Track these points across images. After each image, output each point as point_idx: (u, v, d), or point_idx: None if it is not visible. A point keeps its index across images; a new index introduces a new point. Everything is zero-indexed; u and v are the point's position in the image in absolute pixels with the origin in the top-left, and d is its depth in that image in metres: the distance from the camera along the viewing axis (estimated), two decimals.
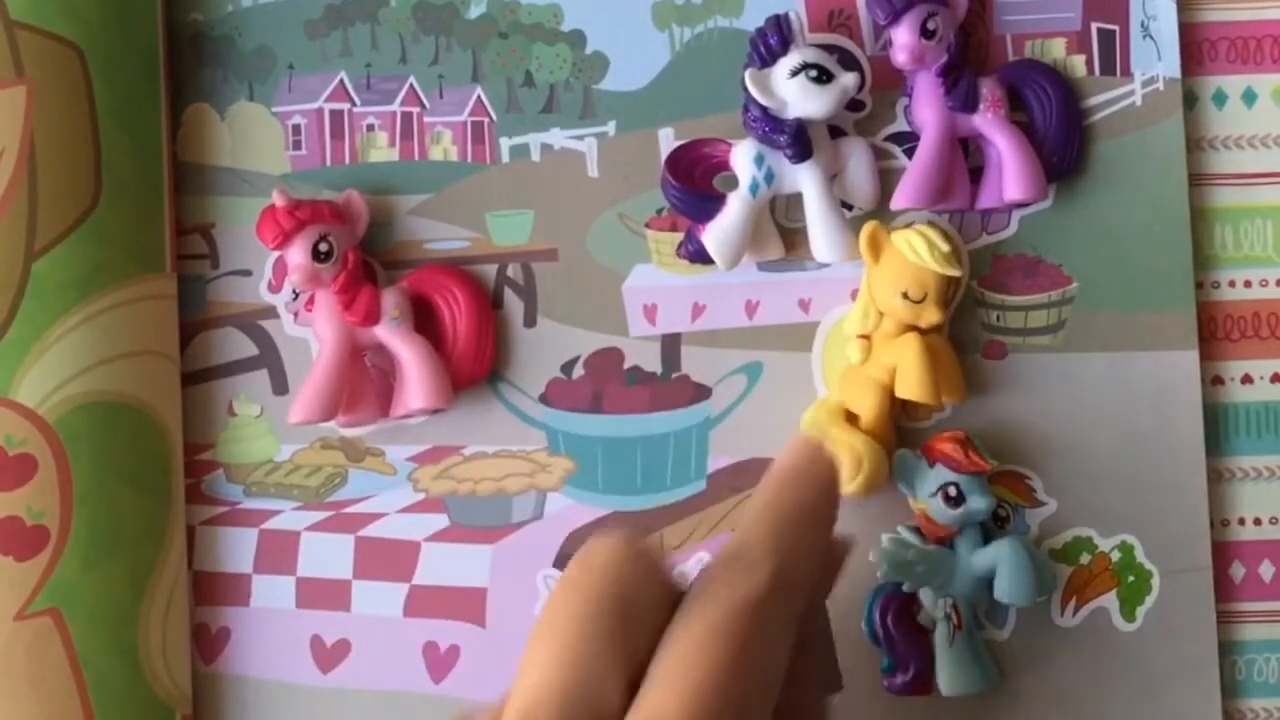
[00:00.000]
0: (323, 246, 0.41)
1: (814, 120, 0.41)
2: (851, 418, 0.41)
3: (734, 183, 0.41)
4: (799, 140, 0.40)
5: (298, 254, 0.41)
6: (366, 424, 0.42)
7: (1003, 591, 0.40)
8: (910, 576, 0.40)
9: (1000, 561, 0.40)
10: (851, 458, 0.40)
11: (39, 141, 0.40)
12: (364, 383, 0.42)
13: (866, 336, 0.41)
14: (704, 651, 0.29)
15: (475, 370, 0.42)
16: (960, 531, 0.41)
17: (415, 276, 0.42)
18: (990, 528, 0.41)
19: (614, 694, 0.29)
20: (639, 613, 0.31)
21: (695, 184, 0.42)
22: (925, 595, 0.41)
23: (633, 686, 0.30)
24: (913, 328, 0.40)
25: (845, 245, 0.41)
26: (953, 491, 0.40)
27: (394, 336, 0.41)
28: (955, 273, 0.40)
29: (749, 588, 0.31)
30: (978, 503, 0.40)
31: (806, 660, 0.35)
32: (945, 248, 0.40)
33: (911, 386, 0.40)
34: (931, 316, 0.40)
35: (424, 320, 0.42)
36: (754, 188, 0.41)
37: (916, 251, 0.40)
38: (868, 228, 0.41)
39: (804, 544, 0.33)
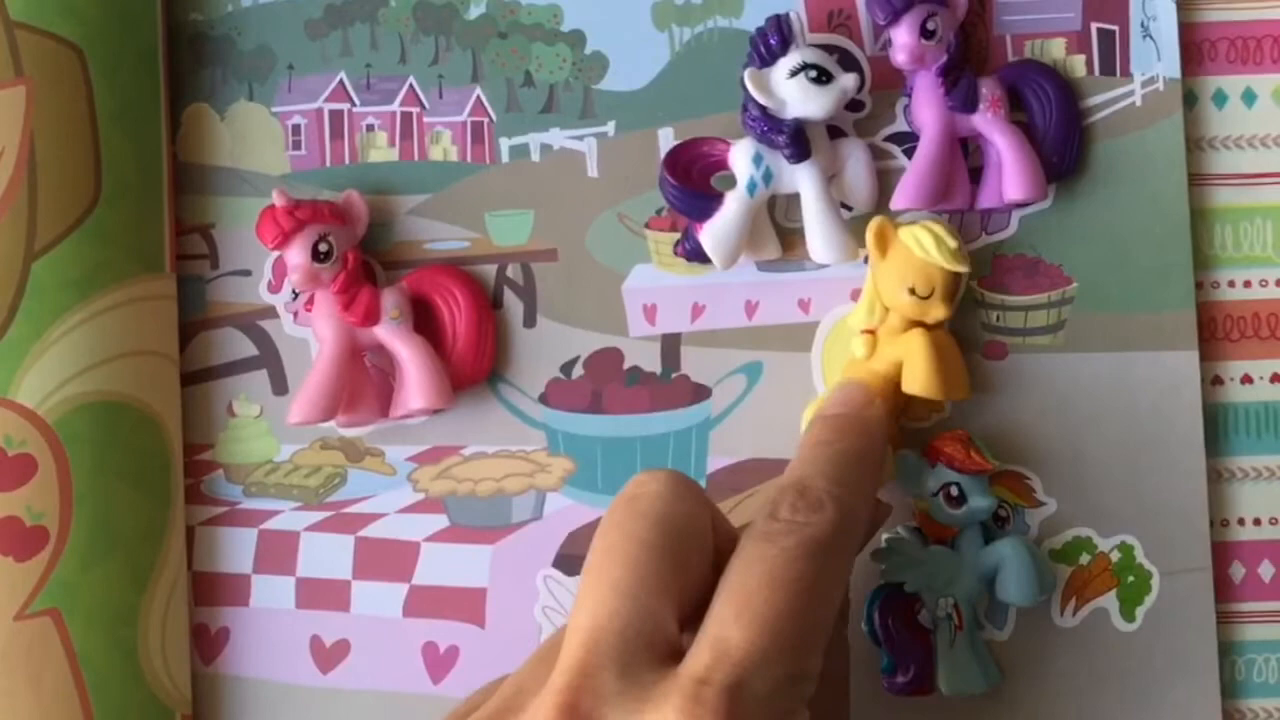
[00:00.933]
0: (322, 247, 0.41)
1: (813, 121, 0.41)
2: None
3: (732, 182, 0.41)
4: (797, 140, 0.40)
5: (297, 254, 0.41)
6: (366, 424, 0.42)
7: (1005, 592, 0.40)
8: (911, 576, 0.40)
9: (1002, 562, 0.40)
10: None
11: (39, 141, 0.40)
12: (364, 383, 0.42)
13: (871, 331, 0.41)
14: (771, 588, 0.30)
15: (475, 370, 0.42)
16: (961, 531, 0.41)
17: (415, 276, 0.42)
18: (990, 528, 0.41)
19: (671, 623, 0.30)
20: (689, 540, 0.31)
21: (693, 182, 0.41)
22: (926, 595, 0.41)
23: (684, 614, 0.30)
24: (919, 323, 0.40)
25: (843, 246, 0.41)
26: (954, 491, 0.40)
27: (394, 337, 0.41)
28: (963, 269, 0.40)
29: (817, 526, 0.31)
30: (979, 503, 0.40)
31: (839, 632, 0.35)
32: (953, 244, 0.40)
33: (919, 381, 0.39)
34: (938, 312, 0.40)
35: (423, 320, 0.42)
36: (751, 187, 0.41)
37: (924, 247, 0.40)
38: (875, 222, 0.40)
39: (863, 486, 0.33)
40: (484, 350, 0.42)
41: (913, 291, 0.40)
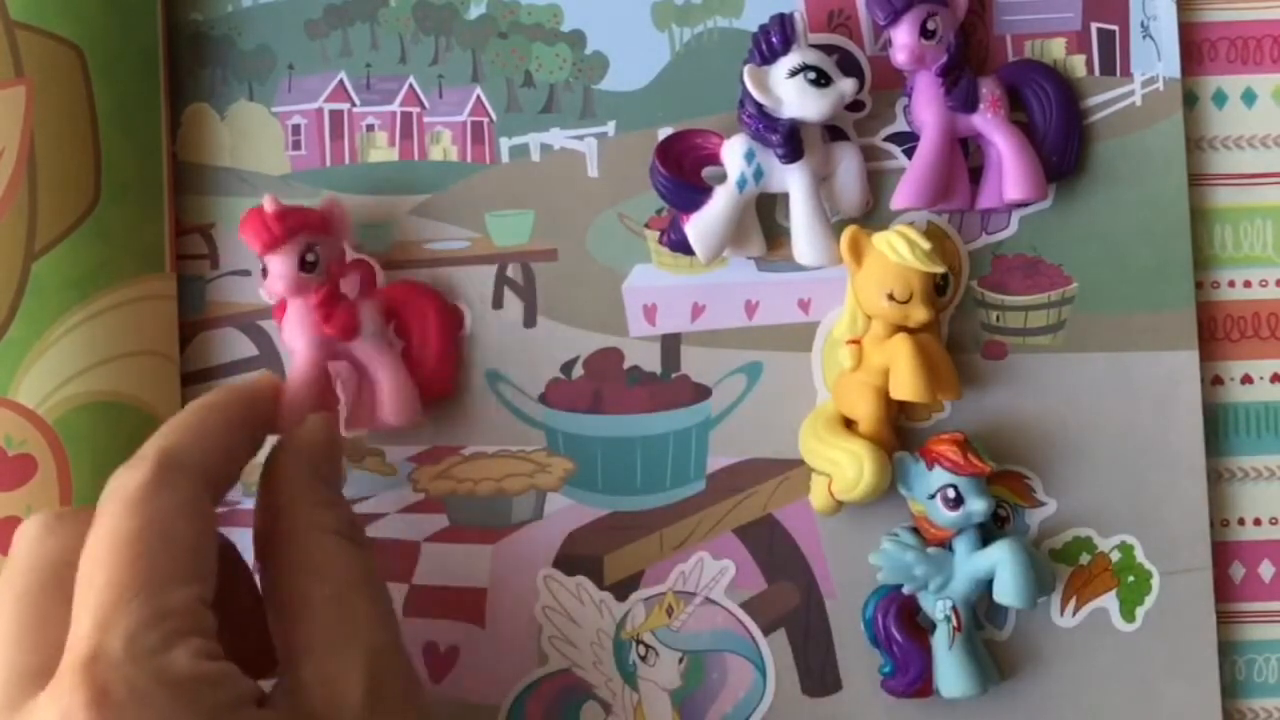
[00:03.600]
0: (310, 257, 0.40)
1: (808, 122, 0.41)
2: (850, 423, 0.41)
3: (724, 176, 0.41)
4: (791, 140, 0.40)
5: (284, 263, 0.39)
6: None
7: (1002, 594, 0.40)
8: (910, 579, 0.40)
9: (999, 564, 0.40)
10: (853, 464, 0.40)
11: (39, 141, 0.40)
12: (329, 395, 0.41)
13: (857, 341, 0.41)
14: (93, 560, 0.32)
15: (441, 389, 0.42)
16: (959, 533, 0.40)
17: (390, 291, 0.42)
18: (989, 527, 0.41)
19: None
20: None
21: (684, 173, 0.41)
22: (925, 597, 0.41)
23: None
24: (902, 328, 0.40)
25: (827, 249, 0.41)
26: (951, 494, 0.40)
27: (369, 351, 0.41)
28: (939, 269, 0.40)
29: (128, 477, 0.33)
30: (977, 505, 0.40)
31: None
32: (926, 245, 0.40)
33: (905, 387, 0.39)
34: (919, 315, 0.40)
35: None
36: (741, 183, 0.41)
37: (898, 251, 0.40)
38: (848, 232, 0.40)
39: (190, 425, 0.35)
40: (447, 369, 0.42)
41: (891, 297, 0.40)
